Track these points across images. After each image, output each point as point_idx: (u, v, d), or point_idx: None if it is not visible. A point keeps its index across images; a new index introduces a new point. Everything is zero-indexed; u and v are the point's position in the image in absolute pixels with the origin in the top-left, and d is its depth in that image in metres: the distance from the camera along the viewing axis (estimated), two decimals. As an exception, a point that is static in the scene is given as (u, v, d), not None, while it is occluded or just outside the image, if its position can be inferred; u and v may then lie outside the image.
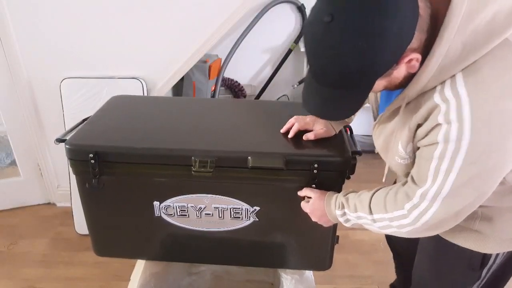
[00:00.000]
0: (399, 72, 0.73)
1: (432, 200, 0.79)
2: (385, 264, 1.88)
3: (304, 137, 1.08)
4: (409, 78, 0.75)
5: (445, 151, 0.73)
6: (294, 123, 1.10)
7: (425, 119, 0.76)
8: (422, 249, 1.11)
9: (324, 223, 1.04)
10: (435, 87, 0.74)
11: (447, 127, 0.72)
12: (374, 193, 0.92)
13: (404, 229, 0.85)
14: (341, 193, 0.99)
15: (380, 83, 0.74)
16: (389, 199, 0.87)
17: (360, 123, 2.85)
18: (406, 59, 0.69)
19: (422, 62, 0.72)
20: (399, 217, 0.85)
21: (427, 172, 0.78)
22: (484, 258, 0.93)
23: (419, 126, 0.79)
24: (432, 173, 0.77)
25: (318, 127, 1.09)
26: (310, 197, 1.04)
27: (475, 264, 0.95)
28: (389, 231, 0.89)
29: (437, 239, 0.96)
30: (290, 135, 1.09)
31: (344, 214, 0.96)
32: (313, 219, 1.04)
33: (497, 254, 0.93)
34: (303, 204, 1.06)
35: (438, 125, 0.74)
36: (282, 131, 1.11)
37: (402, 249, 1.39)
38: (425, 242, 1.07)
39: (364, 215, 0.92)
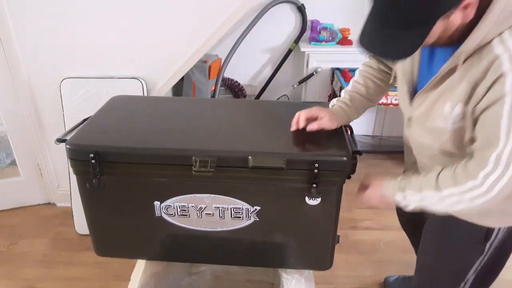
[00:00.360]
0: (456, 18, 0.74)
1: (507, 163, 0.77)
2: (385, 264, 1.89)
3: (309, 127, 1.09)
4: (461, 32, 0.77)
5: None
6: (300, 115, 1.11)
7: (485, 74, 0.76)
8: (428, 230, 1.14)
9: (382, 206, 1.05)
10: (491, 40, 0.75)
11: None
12: (440, 170, 0.90)
13: (478, 200, 0.83)
14: (399, 178, 0.99)
15: (438, 27, 0.75)
16: (459, 172, 0.85)
17: (360, 123, 2.86)
18: (464, 3, 0.71)
19: (476, 16, 0.74)
20: (471, 188, 0.83)
21: (498, 131, 0.77)
22: (488, 232, 1.00)
23: (476, 86, 0.78)
24: (505, 131, 0.76)
25: (323, 116, 1.10)
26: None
27: (480, 238, 1.01)
28: (460, 207, 0.87)
29: (445, 218, 1.00)
30: (301, 125, 1.10)
31: (405, 197, 0.95)
32: (366, 201, 1.06)
33: (499, 229, 1.00)
34: (358, 197, 1.07)
35: (502, 75, 0.73)
36: (292, 129, 1.12)
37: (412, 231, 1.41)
38: (433, 222, 1.10)
39: (430, 194, 0.90)
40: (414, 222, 1.31)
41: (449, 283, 1.15)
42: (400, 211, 1.43)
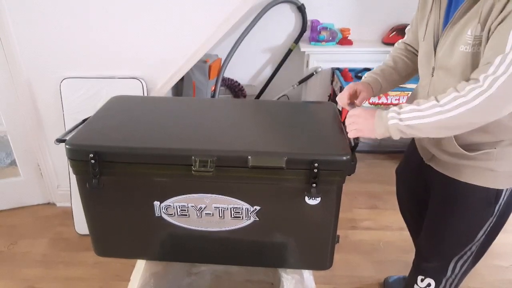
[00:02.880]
0: None
1: (509, 64, 0.83)
2: (385, 264, 1.89)
3: (352, 110, 1.11)
4: None
5: None
6: (341, 98, 1.22)
7: None
8: (437, 195, 1.21)
9: (358, 133, 1.05)
10: None
11: None
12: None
13: (478, 99, 0.87)
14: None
15: None
16: (460, 84, 0.91)
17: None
18: None
19: None
20: (472, 88, 0.87)
21: (505, 41, 0.83)
22: (498, 193, 1.09)
23: (492, 7, 0.87)
24: None
25: (360, 89, 1.21)
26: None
27: (491, 199, 1.09)
28: (460, 110, 0.89)
29: (456, 183, 1.11)
30: (346, 107, 1.19)
31: (399, 114, 0.96)
32: (353, 127, 1.06)
33: (507, 190, 1.09)
34: (349, 115, 1.08)
35: None
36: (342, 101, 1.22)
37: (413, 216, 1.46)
38: (449, 191, 1.16)
39: (429, 105, 0.93)
40: (417, 197, 1.36)
41: (457, 245, 1.21)
42: (403, 185, 1.45)
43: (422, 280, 1.34)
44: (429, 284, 1.31)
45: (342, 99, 1.23)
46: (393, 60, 1.29)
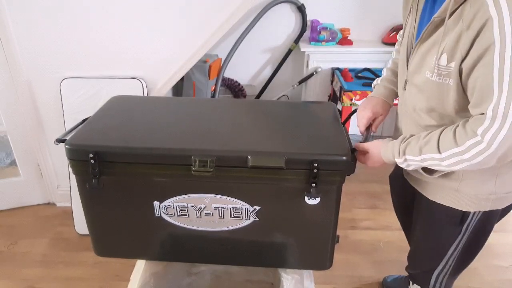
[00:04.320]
0: None
1: (504, 114, 0.77)
2: (385, 264, 1.89)
3: (373, 127, 1.19)
4: None
5: (503, 48, 0.71)
6: (361, 127, 1.21)
7: (471, 22, 0.75)
8: (416, 210, 1.22)
9: (380, 166, 1.08)
10: None
11: (498, 20, 0.70)
12: (441, 132, 0.91)
13: (478, 158, 0.84)
14: (398, 139, 1.00)
15: None
16: (459, 132, 0.87)
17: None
18: None
19: None
20: (472, 146, 0.83)
21: (491, 83, 0.76)
22: (464, 215, 1.07)
23: (460, 36, 0.78)
24: (497, 81, 0.75)
25: (378, 112, 1.20)
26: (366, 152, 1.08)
27: (456, 220, 1.08)
28: (459, 167, 0.88)
29: (430, 202, 1.11)
30: (365, 126, 1.19)
31: (406, 160, 0.97)
32: (369, 165, 1.08)
33: (475, 213, 1.06)
34: (358, 157, 1.09)
35: (488, 20, 0.72)
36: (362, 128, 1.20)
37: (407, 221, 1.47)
38: (420, 204, 1.17)
39: (431, 156, 0.91)
40: (406, 204, 1.37)
41: (431, 259, 1.23)
42: (393, 192, 1.46)
43: (412, 284, 1.38)
44: None
45: (361, 126, 1.21)
46: (394, 63, 1.26)
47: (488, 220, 1.10)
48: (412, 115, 1.06)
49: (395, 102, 1.22)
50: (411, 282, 1.40)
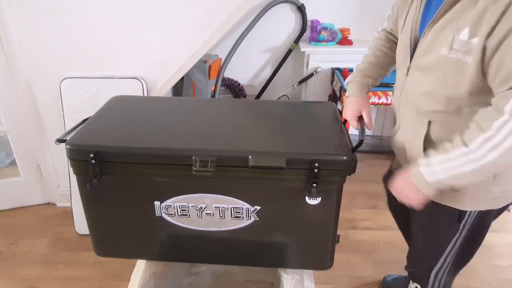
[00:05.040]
0: None
1: None
2: (385, 264, 1.89)
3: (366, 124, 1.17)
4: None
5: None
6: (349, 121, 1.20)
7: None
8: (414, 211, 1.20)
9: (416, 201, 1.01)
10: None
11: None
12: (462, 131, 0.87)
13: (510, 138, 0.78)
14: (421, 160, 0.96)
15: None
16: (480, 119, 0.82)
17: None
18: None
19: None
20: (501, 126, 0.78)
21: None
22: (461, 214, 1.08)
23: (485, 10, 0.75)
24: None
25: (361, 107, 1.19)
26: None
27: (454, 218, 1.09)
28: (493, 156, 0.81)
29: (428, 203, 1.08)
30: (355, 126, 1.18)
31: (433, 171, 0.92)
32: (405, 200, 1.04)
33: (471, 212, 1.07)
34: (394, 191, 1.07)
35: None
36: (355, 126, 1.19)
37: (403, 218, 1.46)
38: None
39: (457, 153, 0.86)
40: (400, 203, 1.35)
41: (429, 257, 1.24)
42: (389, 191, 1.45)
43: (412, 282, 1.38)
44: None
45: (354, 126, 1.20)
46: (373, 54, 1.23)
47: (485, 218, 1.10)
48: (414, 101, 1.03)
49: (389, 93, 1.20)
50: (410, 281, 1.40)
